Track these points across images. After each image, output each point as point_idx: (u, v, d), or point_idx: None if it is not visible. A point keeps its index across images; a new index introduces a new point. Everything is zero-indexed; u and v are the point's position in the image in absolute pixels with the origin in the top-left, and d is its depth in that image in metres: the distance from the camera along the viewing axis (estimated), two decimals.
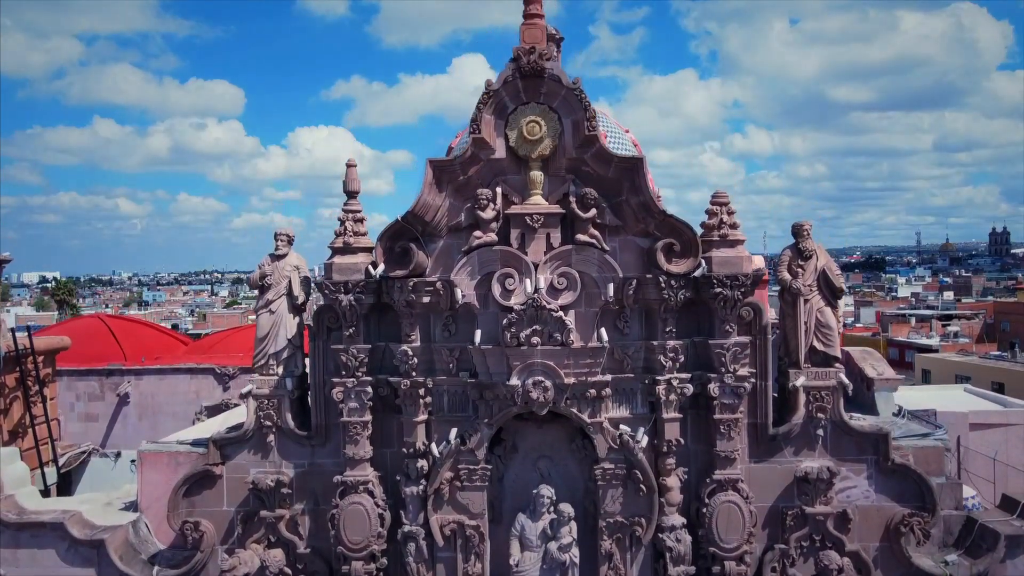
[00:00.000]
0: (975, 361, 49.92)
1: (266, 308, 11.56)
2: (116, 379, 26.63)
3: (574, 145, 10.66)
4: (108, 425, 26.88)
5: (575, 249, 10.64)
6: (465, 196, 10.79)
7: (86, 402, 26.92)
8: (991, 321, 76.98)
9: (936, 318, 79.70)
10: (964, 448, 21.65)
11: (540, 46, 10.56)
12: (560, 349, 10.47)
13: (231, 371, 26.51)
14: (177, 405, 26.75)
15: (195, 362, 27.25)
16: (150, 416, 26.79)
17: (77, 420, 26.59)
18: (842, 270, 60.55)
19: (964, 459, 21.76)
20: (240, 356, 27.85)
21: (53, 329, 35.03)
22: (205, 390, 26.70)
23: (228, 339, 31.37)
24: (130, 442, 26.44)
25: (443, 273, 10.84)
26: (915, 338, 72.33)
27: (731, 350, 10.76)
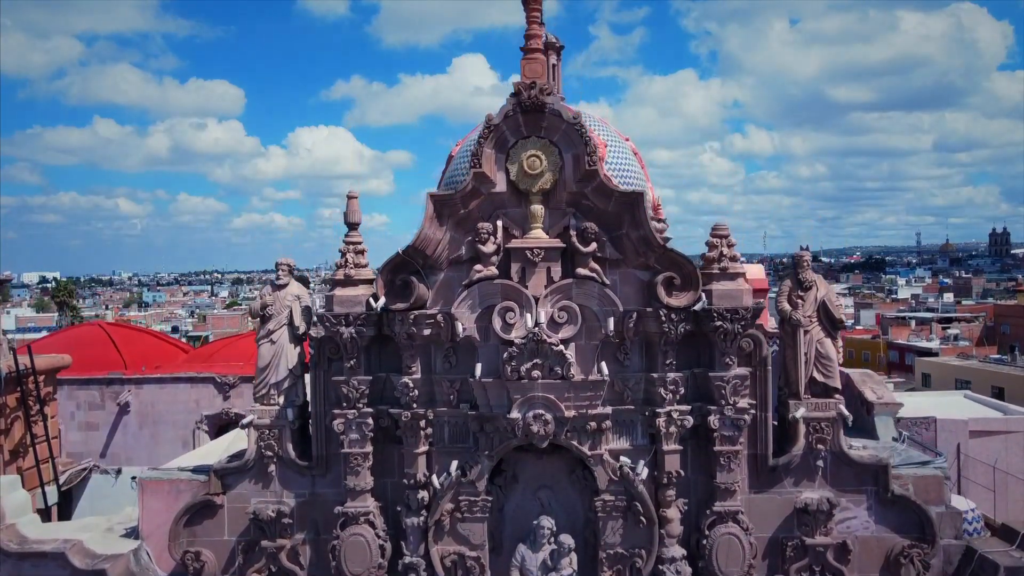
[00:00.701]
0: (975, 365, 50.02)
1: (267, 338, 11.58)
2: (116, 388, 26.64)
3: (575, 179, 10.69)
4: (108, 434, 26.90)
5: (575, 283, 10.66)
6: (466, 229, 10.81)
7: (86, 411, 26.93)
8: (991, 324, 77.07)
9: (936, 321, 79.81)
10: (964, 455, 21.69)
11: (540, 81, 10.57)
12: (561, 383, 10.50)
13: (231, 380, 26.52)
14: (177, 414, 26.78)
15: (195, 371, 27.28)
16: (150, 425, 26.82)
17: (77, 429, 26.61)
18: (842, 270, 61.17)
19: (964, 466, 21.81)
20: (240, 365, 27.87)
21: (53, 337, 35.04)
22: (205, 399, 26.72)
23: (228, 347, 31.37)
24: (130, 451, 26.51)
25: (444, 306, 10.86)
26: (915, 341, 72.47)
27: (731, 382, 10.79)
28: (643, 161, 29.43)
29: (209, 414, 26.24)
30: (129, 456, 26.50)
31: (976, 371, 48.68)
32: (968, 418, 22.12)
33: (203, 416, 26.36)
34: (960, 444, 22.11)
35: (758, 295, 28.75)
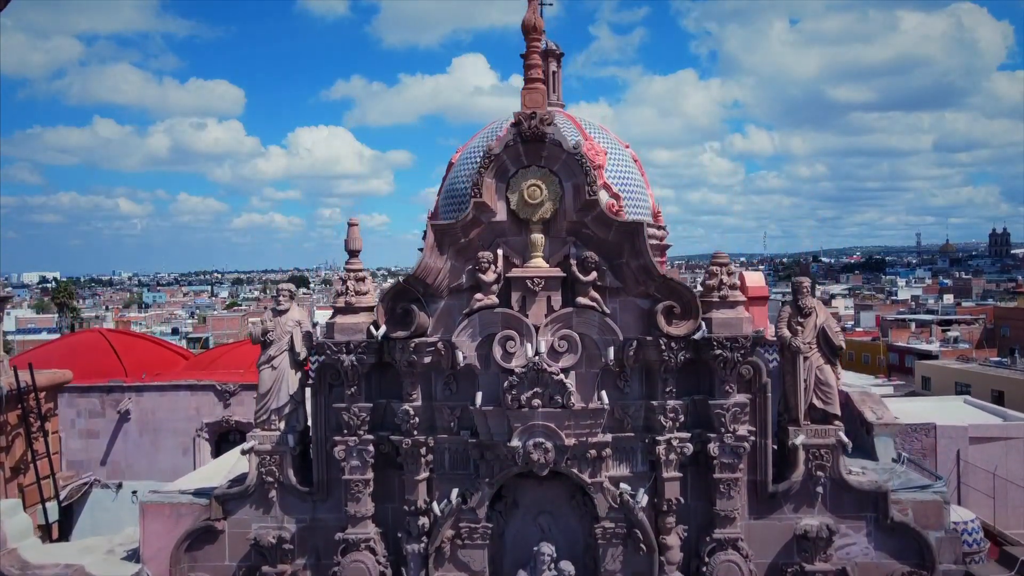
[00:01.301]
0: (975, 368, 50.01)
1: (268, 364, 11.61)
2: (117, 396, 26.67)
3: (575, 208, 10.72)
4: (109, 442, 26.94)
5: (576, 312, 10.69)
6: (466, 258, 10.83)
7: (86, 418, 26.96)
8: (991, 326, 77.12)
9: (936, 323, 79.90)
10: (964, 462, 21.70)
11: (541, 111, 10.59)
12: (561, 411, 10.53)
13: (231, 388, 26.56)
14: (178, 422, 26.80)
15: (195, 378, 27.32)
16: (151, 432, 26.86)
17: (78, 437, 26.64)
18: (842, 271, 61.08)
19: (964, 473, 21.82)
20: (241, 372, 27.92)
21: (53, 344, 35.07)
22: (206, 407, 26.76)
23: (228, 354, 31.41)
24: (131, 458, 26.53)
25: (444, 333, 10.89)
26: (915, 343, 72.54)
27: (731, 410, 10.82)
28: (643, 168, 29.49)
29: (209, 422, 26.28)
30: (130, 463, 26.55)
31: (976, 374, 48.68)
32: (968, 424, 22.11)
33: (203, 424, 26.40)
34: (960, 451, 22.11)
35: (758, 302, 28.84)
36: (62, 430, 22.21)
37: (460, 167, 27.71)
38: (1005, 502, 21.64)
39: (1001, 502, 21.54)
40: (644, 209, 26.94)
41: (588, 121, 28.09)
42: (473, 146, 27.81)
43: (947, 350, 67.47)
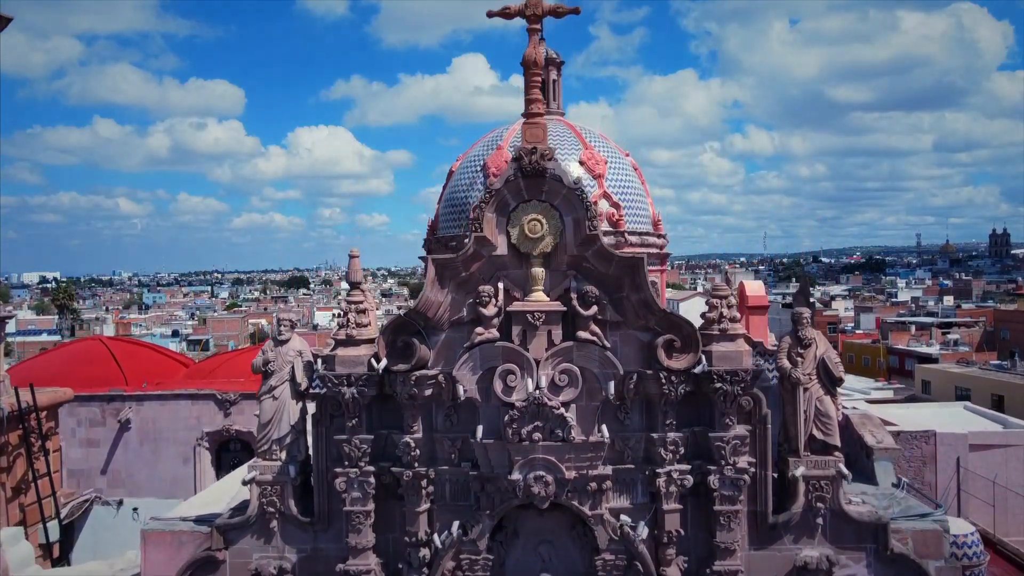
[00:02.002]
0: (975, 373, 50.06)
1: (269, 394, 11.62)
2: (117, 405, 26.74)
3: (575, 243, 10.74)
4: (109, 451, 26.99)
5: (576, 346, 10.72)
6: (467, 291, 10.86)
7: (87, 428, 27.00)
8: (991, 329, 77.22)
9: (936, 326, 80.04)
10: (964, 469, 21.73)
11: (542, 146, 10.61)
12: (561, 445, 10.57)
13: (232, 397, 26.62)
14: (178, 431, 26.86)
15: (196, 387, 27.37)
16: (151, 442, 26.91)
17: (79, 446, 26.69)
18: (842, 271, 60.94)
19: (964, 480, 21.85)
20: (241, 381, 27.96)
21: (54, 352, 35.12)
22: (206, 416, 26.81)
23: (229, 362, 31.45)
24: (131, 467, 26.58)
25: (445, 366, 10.92)
26: (915, 346, 72.66)
27: (731, 443, 10.85)
28: (643, 175, 29.49)
29: (210, 431, 26.33)
30: (130, 473, 26.62)
31: (976, 379, 48.76)
32: (967, 431, 22.16)
33: (204, 433, 26.45)
34: (960, 458, 22.13)
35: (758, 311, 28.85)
36: (62, 439, 22.28)
37: (460, 175, 27.73)
38: (1005, 509, 21.67)
39: (1001, 509, 21.57)
40: (644, 218, 26.97)
41: (588, 130, 28.11)
42: (473, 154, 27.83)
43: (947, 353, 67.61)
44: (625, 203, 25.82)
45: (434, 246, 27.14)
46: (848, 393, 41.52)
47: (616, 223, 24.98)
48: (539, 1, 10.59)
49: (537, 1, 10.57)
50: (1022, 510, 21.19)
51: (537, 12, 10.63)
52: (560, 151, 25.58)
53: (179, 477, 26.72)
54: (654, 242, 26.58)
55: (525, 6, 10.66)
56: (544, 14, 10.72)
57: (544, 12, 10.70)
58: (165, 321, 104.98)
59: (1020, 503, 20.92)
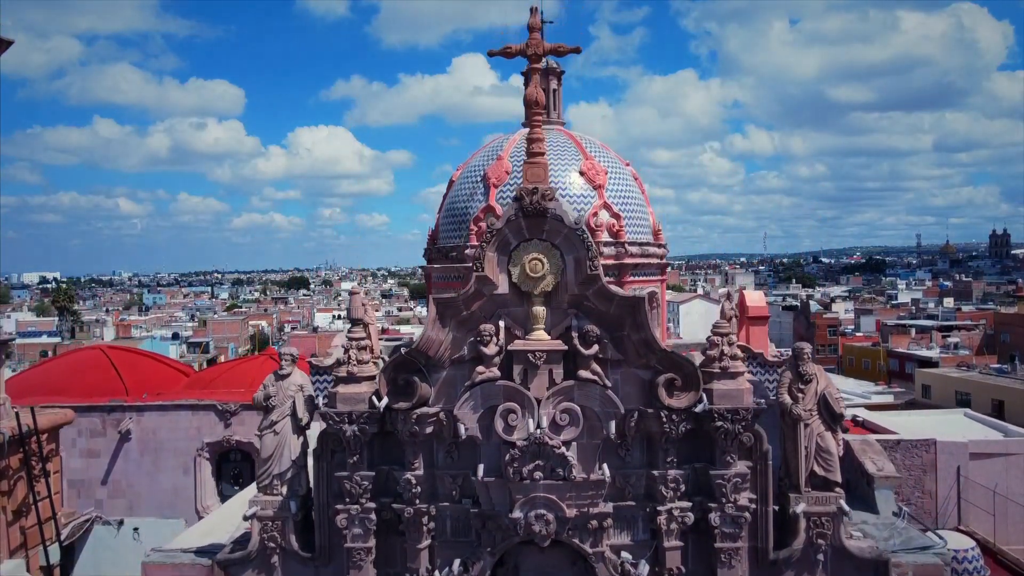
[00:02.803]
0: (975, 378, 50.06)
1: (270, 429, 11.62)
2: (118, 415, 26.76)
3: (576, 282, 10.74)
4: (110, 462, 27.03)
5: (577, 385, 10.73)
6: (468, 329, 10.86)
7: (87, 438, 27.03)
8: (991, 332, 77.29)
9: (936, 329, 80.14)
10: (964, 478, 21.74)
11: (543, 186, 10.61)
12: (562, 483, 10.58)
13: (232, 407, 26.64)
14: (179, 441, 26.89)
15: (196, 397, 27.41)
16: (151, 452, 26.95)
17: (79, 456, 26.71)
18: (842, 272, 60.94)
19: (964, 489, 21.86)
20: (241, 391, 27.99)
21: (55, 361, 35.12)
22: (207, 426, 26.84)
23: (229, 372, 31.50)
24: (131, 478, 26.61)
25: (446, 403, 10.93)
26: (915, 349, 72.69)
27: (732, 480, 10.85)
28: (643, 185, 29.45)
29: (210, 441, 26.37)
30: (131, 483, 26.65)
31: (976, 384, 48.79)
32: (968, 440, 22.18)
33: (204, 443, 26.48)
34: (960, 467, 22.15)
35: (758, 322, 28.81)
36: (63, 450, 22.28)
37: (460, 185, 27.71)
38: (1005, 518, 21.68)
39: (1001, 518, 21.58)
40: (645, 227, 26.97)
41: (588, 139, 28.09)
42: (473, 164, 27.82)
43: (947, 356, 67.67)
44: (625, 213, 25.82)
45: (434, 255, 27.15)
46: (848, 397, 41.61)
47: (616, 234, 24.98)
48: (540, 41, 10.59)
49: (538, 41, 10.57)
50: (1022, 519, 21.22)
51: (538, 52, 10.64)
52: (560, 161, 25.74)
53: (179, 488, 26.76)
54: (654, 252, 26.58)
55: (526, 46, 10.65)
56: (545, 53, 10.73)
57: (545, 52, 10.71)
58: (165, 323, 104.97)
59: (1020, 512, 20.94)
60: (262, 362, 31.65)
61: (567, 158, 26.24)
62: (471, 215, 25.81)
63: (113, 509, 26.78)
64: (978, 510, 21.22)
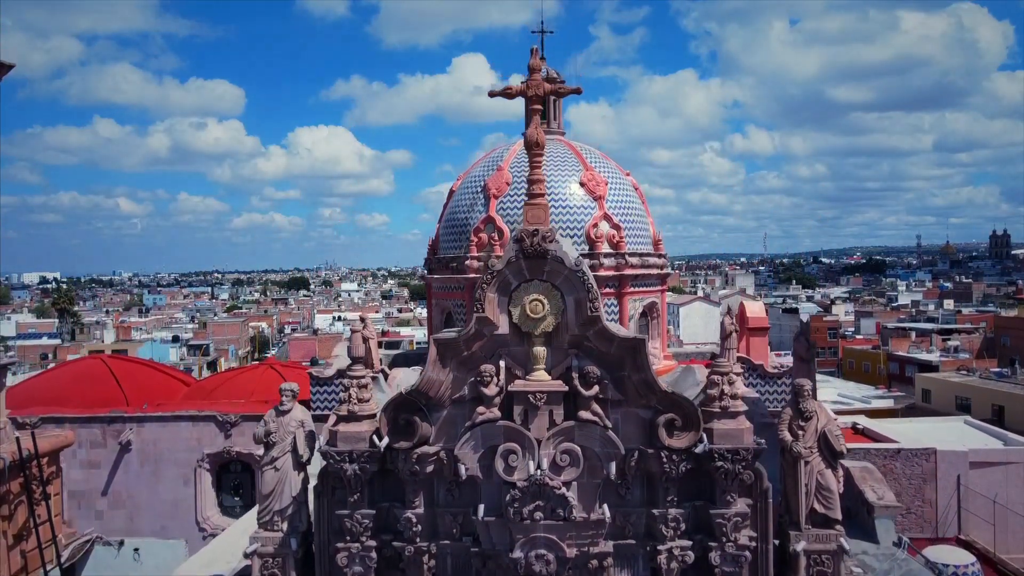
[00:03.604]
0: (975, 382, 50.13)
1: (271, 465, 11.61)
2: (118, 426, 26.85)
3: (577, 322, 10.74)
4: (110, 473, 27.11)
5: (578, 426, 10.73)
6: (468, 368, 10.87)
7: (88, 449, 27.11)
8: (991, 335, 77.42)
9: (936, 332, 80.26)
10: (964, 487, 21.79)
11: (543, 228, 10.59)
12: (563, 524, 10.60)
13: (232, 418, 26.73)
14: (179, 452, 26.99)
15: (197, 407, 27.48)
16: (152, 463, 27.04)
17: (79, 467, 26.80)
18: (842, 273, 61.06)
19: (964, 498, 21.91)
20: (242, 402, 28.05)
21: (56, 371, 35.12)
22: (207, 437, 26.94)
23: (229, 382, 31.56)
24: (132, 489, 26.71)
25: (447, 442, 10.94)
26: (915, 352, 72.79)
27: (732, 520, 10.86)
28: (643, 195, 29.45)
29: (210, 452, 26.45)
30: (131, 494, 26.74)
31: (976, 389, 48.89)
32: (968, 449, 22.24)
33: (204, 454, 26.56)
34: (960, 476, 22.22)
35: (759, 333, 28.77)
36: (63, 461, 22.31)
37: (461, 196, 27.72)
38: (1005, 527, 21.75)
39: (1001, 527, 21.64)
40: (645, 238, 26.99)
41: (588, 149, 28.10)
42: (474, 174, 27.84)
43: (947, 360, 67.78)
44: (626, 224, 25.84)
45: (435, 266, 27.19)
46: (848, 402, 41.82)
47: (617, 244, 25.01)
48: (540, 82, 10.59)
49: (538, 82, 10.57)
50: (1022, 528, 21.28)
51: (538, 92, 10.64)
52: (560, 172, 25.73)
53: (180, 499, 26.84)
54: (654, 262, 26.60)
55: (526, 86, 10.65)
56: (545, 94, 10.73)
57: (545, 92, 10.71)
58: (165, 324, 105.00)
59: (1020, 522, 21.00)
60: (262, 372, 31.73)
61: (567, 169, 26.26)
62: (471, 226, 25.83)
63: (113, 520, 26.91)
64: (978, 519, 21.27)
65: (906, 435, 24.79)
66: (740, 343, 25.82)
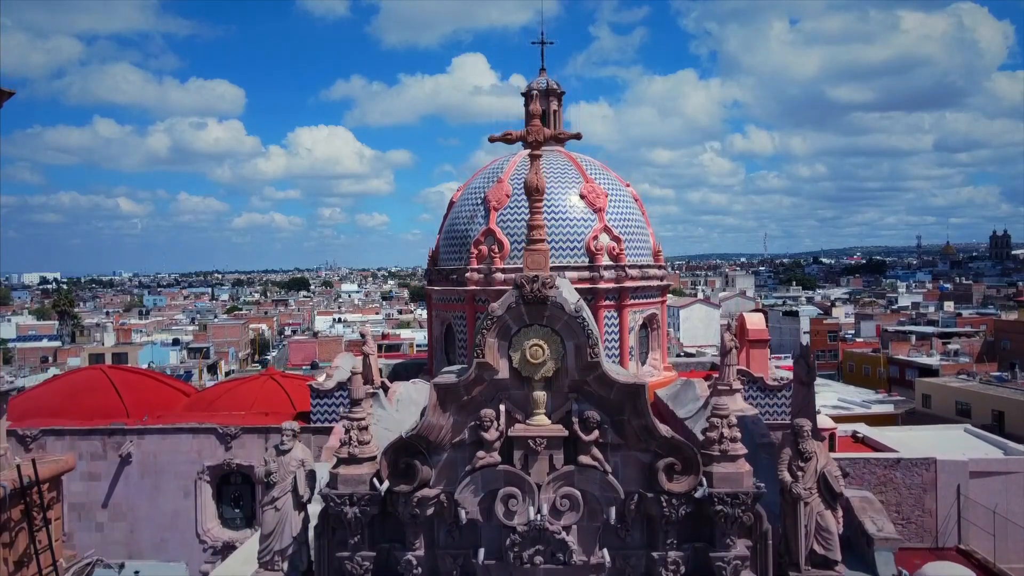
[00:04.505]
0: (975, 388, 50.19)
1: (271, 505, 11.62)
2: (119, 439, 26.90)
3: (577, 368, 10.76)
4: (110, 484, 27.18)
5: (577, 470, 10.76)
6: (469, 412, 10.88)
7: (88, 461, 27.20)
8: (991, 339, 77.50)
9: (936, 335, 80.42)
10: (964, 497, 21.81)
11: (543, 274, 10.60)
12: (563, 568, 10.64)
13: (232, 431, 26.80)
14: (179, 464, 27.06)
15: (197, 418, 27.54)
16: (152, 475, 27.11)
17: (80, 480, 26.84)
18: (842, 273, 60.98)
19: (964, 508, 21.92)
20: (242, 415, 28.09)
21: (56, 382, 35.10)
22: (207, 449, 27.00)
23: (229, 393, 31.60)
24: (132, 501, 26.77)
25: (447, 485, 10.95)
26: (916, 356, 72.93)
27: (732, 563, 10.89)
28: (643, 206, 29.45)
29: (211, 464, 26.52)
30: (131, 506, 26.80)
31: (976, 394, 49.01)
32: (968, 459, 22.25)
33: (205, 467, 26.63)
34: (960, 485, 22.23)
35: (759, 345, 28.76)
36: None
37: (461, 207, 27.74)
38: (1005, 537, 21.76)
39: (1001, 537, 21.65)
40: (645, 249, 27.00)
41: (588, 161, 28.11)
42: (474, 186, 27.86)
43: (947, 364, 67.95)
44: (626, 236, 25.86)
45: (435, 277, 27.23)
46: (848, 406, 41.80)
47: (617, 257, 25.02)
48: (540, 128, 10.60)
49: (538, 128, 10.57)
50: (1023, 538, 21.30)
51: (539, 139, 10.63)
52: (561, 184, 25.72)
53: (180, 511, 26.90)
54: (654, 274, 26.63)
55: (527, 132, 10.65)
56: (545, 140, 10.72)
57: (545, 138, 10.70)
58: (165, 327, 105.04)
59: (1020, 532, 21.02)
60: (263, 382, 31.75)
61: (567, 181, 26.28)
62: (471, 238, 25.86)
63: (113, 532, 26.97)
64: (978, 529, 21.28)
65: (906, 444, 24.81)
66: (740, 355, 25.83)
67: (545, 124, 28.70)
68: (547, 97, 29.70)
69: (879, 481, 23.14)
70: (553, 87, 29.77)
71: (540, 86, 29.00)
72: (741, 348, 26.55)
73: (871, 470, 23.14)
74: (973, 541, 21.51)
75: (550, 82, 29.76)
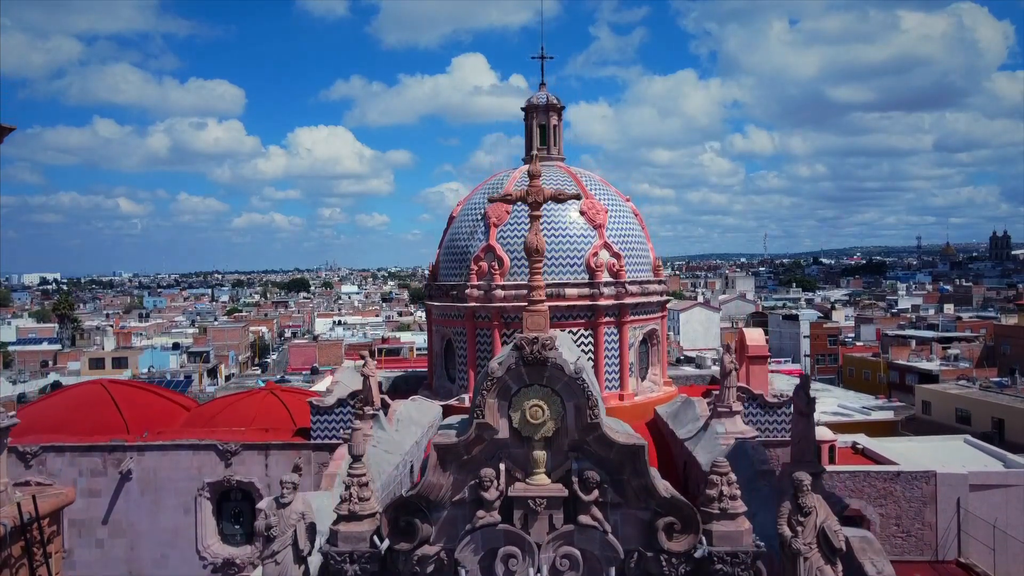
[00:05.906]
0: (975, 395, 50.22)
1: (272, 558, 11.59)
2: (119, 455, 26.81)
3: (576, 428, 10.76)
4: (110, 501, 27.10)
5: (577, 530, 10.77)
6: (469, 471, 10.89)
7: (88, 478, 27.10)
8: (991, 343, 77.52)
9: (936, 340, 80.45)
10: (964, 511, 21.82)
11: (543, 335, 10.58)
12: None
13: (233, 447, 26.69)
14: (180, 481, 26.94)
15: (197, 434, 27.44)
16: (152, 492, 27.01)
17: (80, 496, 26.69)
18: (842, 274, 60.82)
19: (964, 521, 21.94)
20: (242, 431, 28.01)
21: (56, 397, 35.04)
22: (207, 466, 26.89)
23: (230, 408, 31.44)
24: (132, 517, 26.74)
25: (447, 542, 10.96)
26: (915, 360, 72.93)
27: None
28: (643, 220, 29.42)
29: (211, 481, 26.41)
30: (131, 522, 26.75)
31: (976, 401, 49.07)
32: (968, 472, 22.27)
33: (205, 483, 26.53)
34: (960, 498, 22.25)
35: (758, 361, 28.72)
36: (62, 485, 22.23)
37: (461, 222, 27.68)
38: (1005, 550, 21.79)
39: (1001, 550, 21.68)
40: (645, 265, 26.95)
41: (588, 175, 28.07)
42: (474, 201, 27.79)
43: (947, 368, 68.00)
44: (626, 252, 25.80)
45: (434, 292, 27.17)
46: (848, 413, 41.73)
47: (617, 273, 24.97)
48: (540, 189, 10.59)
49: (539, 189, 10.56)
50: (1022, 551, 21.32)
51: (539, 199, 10.62)
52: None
53: (180, 527, 26.83)
54: (654, 289, 26.57)
55: (527, 193, 10.65)
56: (545, 200, 10.72)
57: (545, 198, 10.70)
58: (165, 329, 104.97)
59: (1020, 546, 21.05)
60: (263, 397, 31.65)
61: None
62: (471, 254, 25.80)
63: (113, 549, 26.92)
64: (978, 543, 21.29)
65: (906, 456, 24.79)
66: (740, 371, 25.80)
67: (545, 139, 28.67)
68: (547, 112, 29.69)
69: (879, 494, 23.14)
70: (553, 102, 29.75)
71: (540, 101, 28.93)
72: (741, 364, 26.53)
73: (871, 483, 23.12)
74: (973, 554, 21.55)
75: (550, 97, 29.72)
